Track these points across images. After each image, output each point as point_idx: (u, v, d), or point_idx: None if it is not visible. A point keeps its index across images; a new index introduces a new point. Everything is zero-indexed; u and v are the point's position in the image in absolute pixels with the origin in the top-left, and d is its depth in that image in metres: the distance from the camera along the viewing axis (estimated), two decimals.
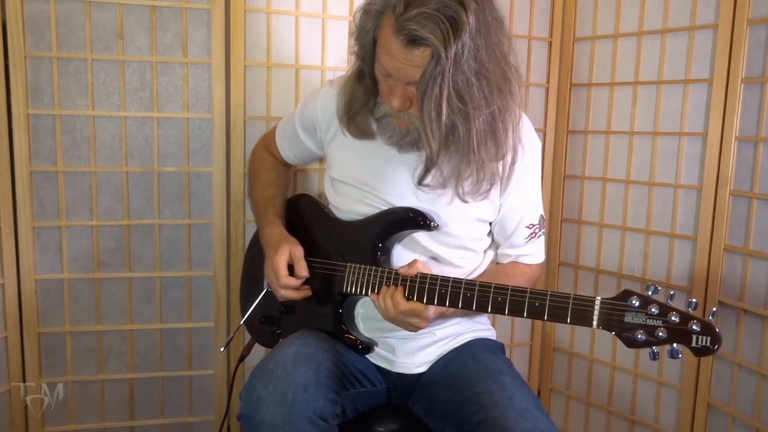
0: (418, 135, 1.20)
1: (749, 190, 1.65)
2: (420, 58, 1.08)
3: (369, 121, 1.30)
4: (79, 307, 1.76)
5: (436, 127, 1.12)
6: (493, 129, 1.17)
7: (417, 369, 1.37)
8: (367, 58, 1.22)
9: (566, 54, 2.00)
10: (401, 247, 1.33)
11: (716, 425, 1.76)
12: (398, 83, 1.15)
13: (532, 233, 1.37)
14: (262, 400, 1.12)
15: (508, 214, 1.35)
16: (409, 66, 1.10)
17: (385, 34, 1.11)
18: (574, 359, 2.08)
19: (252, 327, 1.52)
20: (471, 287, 1.17)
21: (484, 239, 1.39)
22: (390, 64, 1.12)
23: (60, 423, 1.79)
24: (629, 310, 1.04)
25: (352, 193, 1.36)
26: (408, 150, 1.26)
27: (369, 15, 1.16)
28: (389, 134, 1.25)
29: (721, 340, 1.00)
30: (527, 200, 1.35)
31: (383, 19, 1.12)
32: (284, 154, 1.54)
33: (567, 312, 1.09)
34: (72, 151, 1.70)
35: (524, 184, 1.33)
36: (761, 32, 1.61)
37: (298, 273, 1.31)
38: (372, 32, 1.17)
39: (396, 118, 1.22)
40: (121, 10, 1.67)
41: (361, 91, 1.27)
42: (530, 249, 1.40)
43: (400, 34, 1.07)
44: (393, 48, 1.09)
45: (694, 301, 1.03)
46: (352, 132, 1.31)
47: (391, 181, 1.31)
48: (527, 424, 1.12)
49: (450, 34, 1.05)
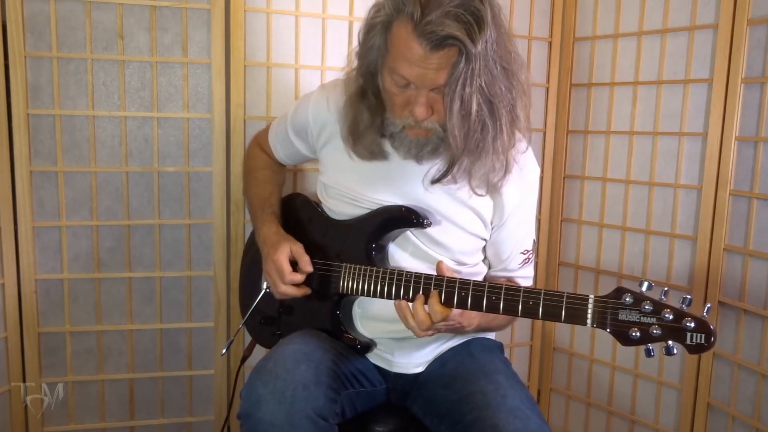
0: (438, 140, 1.17)
1: (749, 190, 1.65)
2: (445, 59, 1.06)
3: (378, 141, 1.25)
4: (79, 307, 1.76)
5: (463, 125, 1.10)
6: (513, 119, 1.15)
7: (415, 369, 1.37)
8: (373, 75, 1.18)
9: (566, 54, 2.00)
10: (395, 246, 1.33)
11: (716, 425, 1.75)
12: (420, 91, 1.11)
13: (526, 258, 1.38)
14: (261, 399, 1.12)
15: (505, 240, 1.35)
16: (433, 70, 1.07)
17: (402, 42, 1.08)
18: (574, 359, 2.08)
19: (252, 328, 1.52)
20: (465, 286, 1.16)
21: (476, 254, 1.37)
22: (411, 72, 1.09)
23: (60, 423, 1.79)
24: (623, 308, 1.04)
25: (343, 197, 1.35)
26: (428, 159, 1.22)
27: (375, 29, 1.13)
28: (407, 148, 1.20)
29: (715, 336, 1.00)
30: (524, 227, 1.35)
31: (395, 29, 1.09)
32: (277, 155, 1.54)
33: (561, 311, 1.09)
34: (72, 151, 1.70)
35: (523, 213, 1.33)
36: (761, 32, 1.61)
37: (304, 268, 1.30)
38: (383, 46, 1.13)
39: (414, 129, 1.17)
40: (121, 10, 1.67)
41: (365, 111, 1.22)
42: (523, 272, 1.40)
43: (423, 38, 1.04)
44: (414, 54, 1.06)
45: (688, 297, 1.02)
46: (360, 154, 1.27)
47: (383, 187, 1.30)
48: (518, 423, 1.12)
49: (476, 29, 1.03)
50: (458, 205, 1.29)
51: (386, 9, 1.11)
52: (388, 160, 1.28)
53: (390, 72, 1.13)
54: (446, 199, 1.28)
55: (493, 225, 1.33)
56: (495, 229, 1.33)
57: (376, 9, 1.13)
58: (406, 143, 1.20)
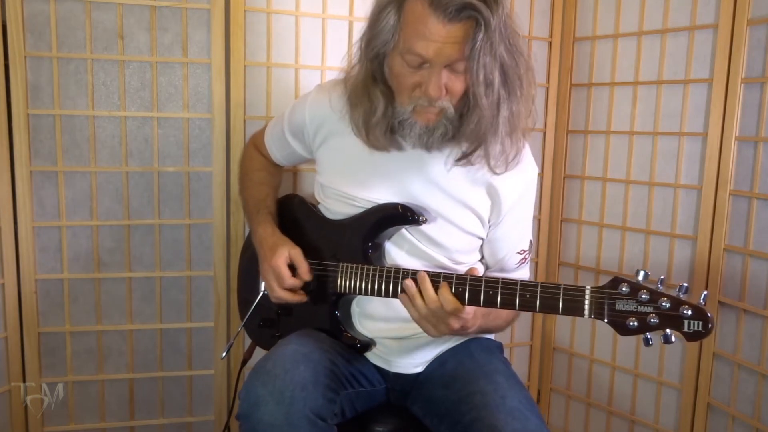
0: (448, 123, 1.17)
1: (749, 190, 1.65)
2: (463, 31, 1.06)
3: (387, 132, 1.23)
4: (79, 307, 1.76)
5: (489, 100, 1.10)
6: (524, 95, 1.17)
7: (415, 369, 1.37)
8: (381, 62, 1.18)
9: (566, 54, 2.00)
10: (390, 244, 1.33)
11: (716, 425, 1.75)
12: (435, 68, 1.10)
13: (522, 259, 1.38)
14: (260, 400, 1.12)
15: (501, 239, 1.34)
16: (450, 43, 1.07)
17: (417, 18, 1.08)
18: (574, 359, 2.08)
19: (252, 331, 1.51)
20: (462, 281, 1.16)
21: (472, 254, 1.37)
22: (428, 48, 1.08)
23: (60, 423, 1.79)
24: (620, 298, 1.04)
25: (339, 197, 1.35)
26: (439, 146, 1.21)
27: (387, 9, 1.12)
28: (417, 135, 1.18)
29: (713, 323, 1.00)
30: (520, 226, 1.35)
31: (407, 6, 1.10)
32: (273, 156, 1.53)
33: (558, 303, 1.08)
34: (72, 151, 1.70)
35: (519, 213, 1.33)
36: (761, 32, 1.61)
37: (303, 276, 1.31)
38: (395, 25, 1.12)
39: (424, 112, 1.16)
40: (121, 10, 1.67)
41: (379, 97, 1.20)
42: (519, 274, 1.40)
43: (440, 11, 1.04)
44: (431, 28, 1.06)
45: (685, 285, 1.02)
46: (375, 144, 1.24)
47: (380, 186, 1.30)
48: (517, 424, 1.12)
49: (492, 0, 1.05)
50: (455, 204, 1.29)
51: None
52: (398, 150, 1.26)
53: (403, 53, 1.12)
54: (443, 198, 1.28)
55: (490, 223, 1.33)
56: (492, 227, 1.33)
57: None
58: (416, 130, 1.18)
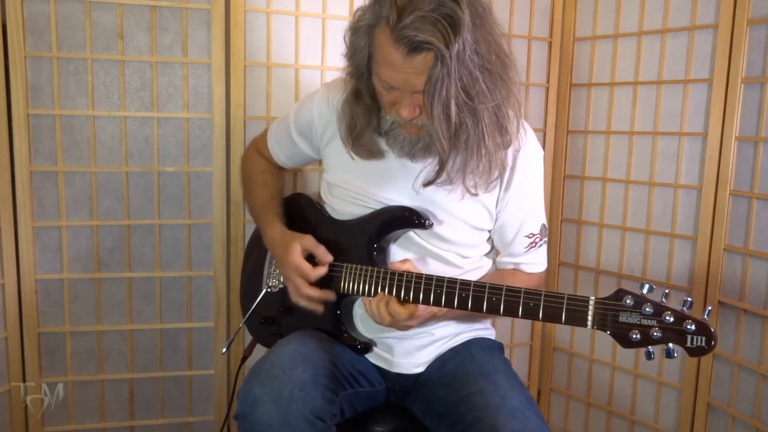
0: (429, 139, 1.18)
1: (749, 190, 1.65)
2: (423, 63, 1.06)
3: (375, 140, 1.27)
4: (79, 307, 1.76)
5: (447, 128, 1.11)
6: (498, 119, 1.16)
7: (415, 369, 1.37)
8: (364, 76, 1.19)
9: (566, 54, 2.00)
10: (396, 246, 1.33)
11: (716, 425, 1.75)
12: (404, 93, 1.13)
13: (532, 242, 1.36)
14: (258, 400, 1.12)
15: (507, 223, 1.34)
16: (413, 74, 1.08)
17: (382, 47, 1.09)
18: (574, 359, 2.08)
19: (253, 328, 1.52)
20: (466, 288, 1.16)
21: (481, 246, 1.38)
22: (393, 76, 1.10)
23: (60, 423, 1.79)
24: (623, 310, 1.04)
25: (347, 196, 1.35)
26: (421, 157, 1.24)
27: (360, 32, 1.14)
28: (400, 145, 1.22)
29: (716, 339, 0.99)
30: (526, 209, 1.34)
31: (376, 33, 1.10)
32: (277, 158, 1.53)
33: (561, 312, 1.08)
34: (72, 151, 1.70)
35: (523, 193, 1.32)
36: (761, 32, 1.60)
37: (323, 259, 1.30)
38: (366, 49, 1.15)
39: (405, 127, 1.19)
40: (121, 10, 1.67)
41: (361, 111, 1.24)
42: (530, 258, 1.38)
43: (400, 44, 1.05)
44: (393, 59, 1.07)
45: (689, 299, 1.02)
46: (360, 153, 1.28)
47: (386, 185, 1.31)
48: (517, 424, 1.12)
49: (450, 33, 1.04)
50: (463, 199, 1.28)
51: (368, 14, 1.12)
52: (386, 158, 1.29)
53: (375, 75, 1.15)
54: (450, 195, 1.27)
55: (497, 209, 1.32)
56: (499, 213, 1.33)
57: (361, 12, 1.14)
58: (399, 140, 1.22)
